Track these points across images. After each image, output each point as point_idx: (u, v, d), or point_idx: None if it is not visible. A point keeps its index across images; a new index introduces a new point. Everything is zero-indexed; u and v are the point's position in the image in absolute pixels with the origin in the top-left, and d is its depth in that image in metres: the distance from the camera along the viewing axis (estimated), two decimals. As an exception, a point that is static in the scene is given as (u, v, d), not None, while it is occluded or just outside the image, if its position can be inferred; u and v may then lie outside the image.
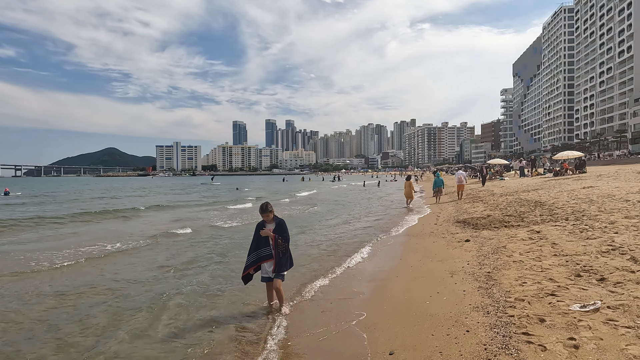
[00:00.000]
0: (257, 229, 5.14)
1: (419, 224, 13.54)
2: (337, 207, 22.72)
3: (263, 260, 5.07)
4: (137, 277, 7.24)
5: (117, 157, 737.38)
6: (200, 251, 9.65)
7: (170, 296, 5.94)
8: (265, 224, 5.10)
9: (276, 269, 5.00)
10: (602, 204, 11.00)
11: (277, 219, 5.14)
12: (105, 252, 9.79)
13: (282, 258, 5.01)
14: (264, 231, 5.02)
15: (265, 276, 5.16)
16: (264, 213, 5.02)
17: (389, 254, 8.77)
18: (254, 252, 5.11)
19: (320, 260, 8.38)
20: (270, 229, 5.05)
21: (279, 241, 4.99)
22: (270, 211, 5.03)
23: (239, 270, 6.35)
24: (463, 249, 8.01)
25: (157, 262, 8.47)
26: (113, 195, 39.42)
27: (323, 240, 10.97)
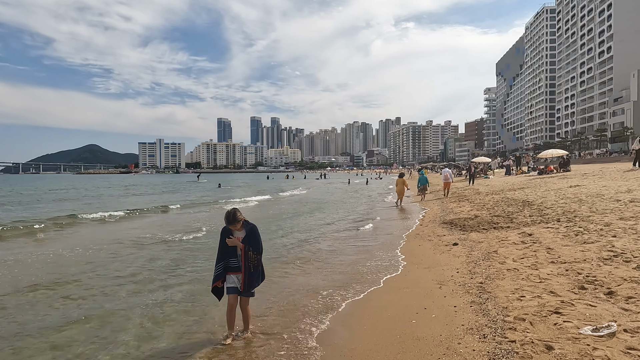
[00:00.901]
0: (222, 236, 4.18)
1: (404, 224, 12.95)
2: (323, 205, 22.03)
3: (231, 272, 4.21)
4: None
5: (98, 154, 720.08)
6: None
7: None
8: (232, 230, 4.24)
9: (245, 286, 4.14)
10: (592, 204, 10.58)
11: (248, 225, 4.21)
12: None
13: (252, 273, 4.16)
14: (231, 240, 4.10)
15: (231, 286, 4.20)
16: (232, 224, 4.09)
17: (371, 259, 8.11)
18: (221, 262, 4.20)
19: (295, 265, 7.66)
20: (239, 238, 4.14)
21: (250, 253, 4.11)
22: (239, 220, 4.09)
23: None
24: (451, 254, 7.40)
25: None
26: (78, 196, 33.40)
27: (298, 242, 10.25)
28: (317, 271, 7.18)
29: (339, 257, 8.28)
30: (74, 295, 5.89)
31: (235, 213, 4.09)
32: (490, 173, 33.37)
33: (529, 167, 32.24)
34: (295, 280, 6.57)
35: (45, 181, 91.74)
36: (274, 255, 8.44)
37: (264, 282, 4.50)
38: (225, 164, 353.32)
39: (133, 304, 5.45)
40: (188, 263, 7.89)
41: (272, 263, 7.56)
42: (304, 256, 8.44)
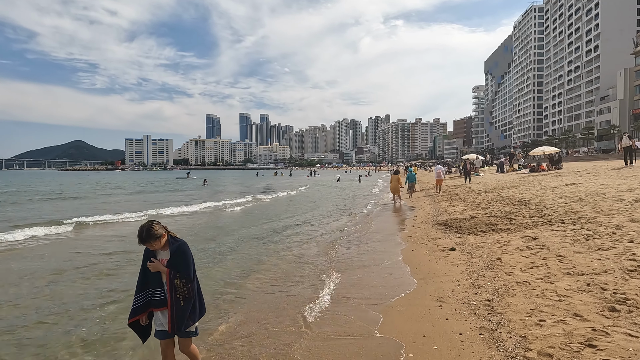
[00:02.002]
0: (144, 259, 3.07)
1: (394, 225, 12.14)
2: (312, 204, 21.16)
3: (155, 307, 3.03)
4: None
5: (84, 151, 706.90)
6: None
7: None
8: (156, 251, 3.05)
9: (174, 325, 2.98)
10: (595, 204, 9.90)
11: (175, 242, 3.04)
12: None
13: (182, 307, 2.97)
14: (153, 264, 2.99)
15: (160, 330, 3.07)
16: (148, 242, 2.91)
17: (359, 268, 7.26)
18: (142, 293, 3.05)
19: (271, 277, 6.77)
20: (162, 260, 3.01)
21: (177, 281, 2.95)
22: (158, 237, 2.92)
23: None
24: (449, 261, 6.58)
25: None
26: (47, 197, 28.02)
27: (280, 249, 9.36)
28: (289, 284, 6.30)
29: (317, 268, 7.40)
30: None
31: (151, 228, 2.90)
32: (481, 171, 32.87)
33: (519, 165, 31.80)
34: (261, 298, 5.67)
35: (31, 178, 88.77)
36: (249, 269, 7.52)
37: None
38: (214, 161, 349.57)
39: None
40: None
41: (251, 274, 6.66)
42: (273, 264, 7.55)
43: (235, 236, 10.81)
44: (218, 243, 9.85)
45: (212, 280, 6.46)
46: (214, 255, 8.36)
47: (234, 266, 7.46)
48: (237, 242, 9.99)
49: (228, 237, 10.73)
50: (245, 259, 8.07)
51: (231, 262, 7.78)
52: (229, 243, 9.81)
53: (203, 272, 6.63)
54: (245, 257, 8.29)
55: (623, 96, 74.15)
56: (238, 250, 8.94)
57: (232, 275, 6.78)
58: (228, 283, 6.35)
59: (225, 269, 7.24)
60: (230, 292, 5.88)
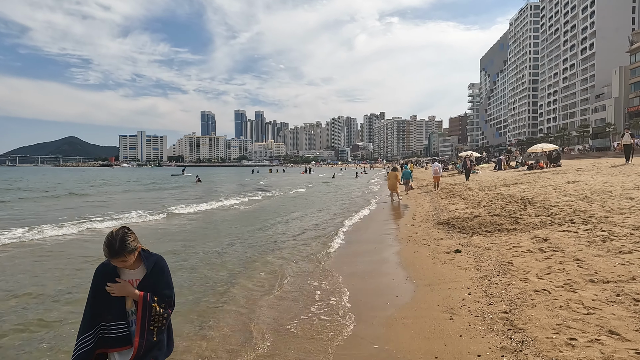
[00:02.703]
0: (96, 281, 2.22)
1: (393, 224, 11.62)
2: (302, 202, 20.62)
3: (114, 347, 2.20)
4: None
5: (78, 147, 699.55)
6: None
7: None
8: (120, 270, 2.26)
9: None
10: (603, 202, 9.43)
11: (150, 257, 2.30)
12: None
13: (154, 343, 2.24)
14: (119, 286, 2.18)
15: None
16: (119, 257, 2.12)
17: (357, 272, 6.73)
18: (92, 331, 2.17)
19: (257, 278, 6.22)
20: (133, 281, 2.24)
21: (156, 307, 2.21)
22: (132, 250, 2.16)
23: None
24: (455, 264, 6.05)
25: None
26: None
27: (273, 248, 8.81)
28: (276, 292, 5.75)
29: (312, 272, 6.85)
30: None
31: (125, 237, 2.14)
32: (477, 168, 32.49)
33: (517, 163, 31.46)
34: (257, 314, 5.12)
35: (20, 174, 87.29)
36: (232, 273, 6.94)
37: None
38: (209, 158, 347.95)
39: None
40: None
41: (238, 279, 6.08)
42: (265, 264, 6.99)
43: (224, 240, 10.24)
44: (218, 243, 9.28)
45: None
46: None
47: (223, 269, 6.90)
48: (226, 246, 9.43)
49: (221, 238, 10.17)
50: (234, 254, 7.51)
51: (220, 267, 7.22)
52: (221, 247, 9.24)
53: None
54: (236, 254, 7.73)
55: (618, 94, 74.19)
56: (229, 253, 8.38)
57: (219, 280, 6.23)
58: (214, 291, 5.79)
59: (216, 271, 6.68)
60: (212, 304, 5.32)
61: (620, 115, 72.51)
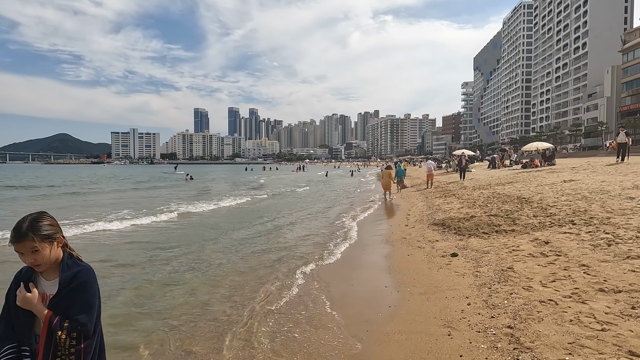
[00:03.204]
0: (12, 284, 1.77)
1: (385, 224, 11.23)
2: (295, 200, 20.17)
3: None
4: None
5: (69, 144, 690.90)
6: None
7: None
8: (35, 275, 1.77)
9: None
10: (603, 203, 9.12)
11: (74, 267, 1.76)
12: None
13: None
14: (26, 296, 1.67)
15: None
16: (24, 239, 1.63)
17: (348, 278, 6.31)
18: (6, 348, 1.66)
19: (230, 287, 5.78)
20: (46, 296, 1.73)
21: (61, 337, 1.64)
22: (46, 237, 1.67)
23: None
24: (452, 270, 5.66)
25: None
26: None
27: (260, 250, 8.36)
28: (258, 299, 5.31)
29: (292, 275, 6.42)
30: None
31: (40, 218, 1.70)
32: (471, 167, 32.26)
33: (511, 161, 31.28)
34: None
35: (8, 171, 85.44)
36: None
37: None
38: (202, 155, 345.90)
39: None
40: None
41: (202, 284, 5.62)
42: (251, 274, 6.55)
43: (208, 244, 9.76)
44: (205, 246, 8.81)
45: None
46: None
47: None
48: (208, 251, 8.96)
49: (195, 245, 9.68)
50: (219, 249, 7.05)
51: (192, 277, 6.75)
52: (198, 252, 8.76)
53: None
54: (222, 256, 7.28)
55: (610, 93, 74.59)
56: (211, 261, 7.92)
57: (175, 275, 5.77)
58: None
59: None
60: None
61: (613, 114, 72.91)
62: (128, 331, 4.16)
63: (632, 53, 66.22)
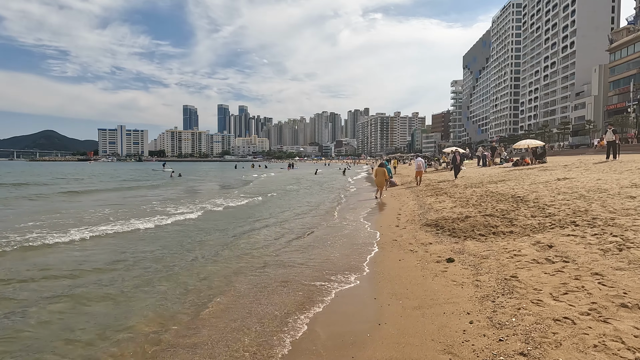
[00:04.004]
0: None
1: (375, 225, 10.64)
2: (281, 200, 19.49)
3: None
4: None
5: (55, 141, 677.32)
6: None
7: None
8: None
9: None
10: (603, 202, 8.66)
11: None
12: None
13: None
14: None
15: None
16: None
17: (333, 287, 5.69)
18: None
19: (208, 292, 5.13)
20: None
21: None
22: None
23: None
24: (449, 278, 5.08)
25: None
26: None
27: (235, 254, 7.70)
28: (231, 309, 4.67)
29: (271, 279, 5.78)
30: None
31: None
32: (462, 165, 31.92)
33: (501, 159, 31.01)
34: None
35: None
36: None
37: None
38: (191, 153, 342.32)
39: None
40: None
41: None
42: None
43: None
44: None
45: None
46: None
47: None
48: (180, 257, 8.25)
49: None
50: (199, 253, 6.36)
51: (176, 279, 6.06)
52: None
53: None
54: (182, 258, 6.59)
55: (597, 92, 75.26)
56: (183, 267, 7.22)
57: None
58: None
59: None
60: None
61: (600, 113, 73.57)
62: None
63: (619, 52, 66.79)
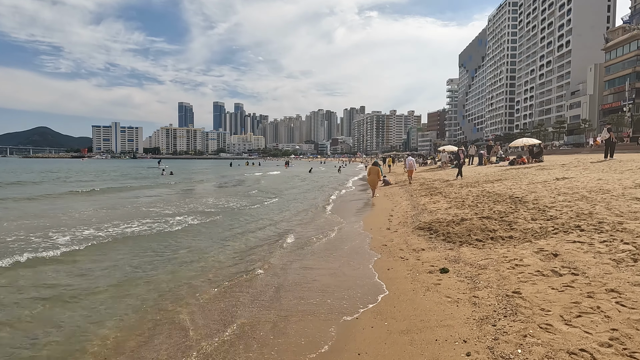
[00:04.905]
0: None
1: (365, 226, 10.01)
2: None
3: None
4: None
5: (49, 137, 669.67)
6: None
7: None
8: None
9: None
10: (607, 204, 8.08)
11: None
12: None
13: None
14: None
15: None
16: None
17: (309, 302, 5.06)
18: None
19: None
20: None
21: None
22: None
23: None
24: (442, 293, 4.46)
25: None
26: None
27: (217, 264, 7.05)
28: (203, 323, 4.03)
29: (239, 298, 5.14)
30: None
31: None
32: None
33: (497, 158, 30.52)
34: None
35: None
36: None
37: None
38: (186, 150, 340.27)
39: None
40: None
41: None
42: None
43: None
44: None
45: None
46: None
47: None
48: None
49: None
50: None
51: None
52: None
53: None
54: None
55: (593, 91, 75.14)
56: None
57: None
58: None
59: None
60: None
61: (595, 112, 73.46)
62: None
63: (615, 51, 66.60)
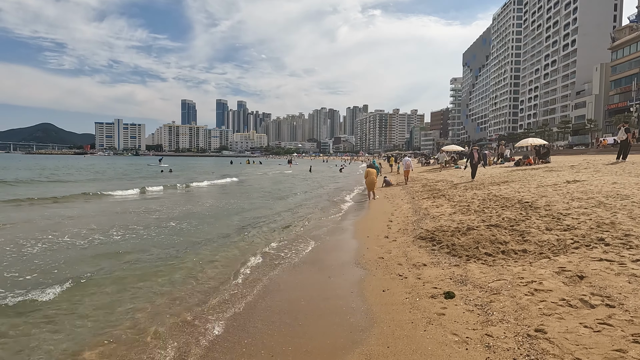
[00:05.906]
0: None
1: (361, 233, 9.21)
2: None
3: None
4: None
5: (52, 134, 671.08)
6: None
7: None
8: None
9: None
10: (630, 212, 7.23)
11: None
12: None
13: None
14: None
15: None
16: None
17: (288, 332, 4.29)
18: None
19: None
20: None
21: None
22: None
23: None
24: (447, 328, 3.66)
25: None
26: None
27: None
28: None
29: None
30: None
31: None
32: (460, 163, 30.60)
33: (501, 159, 29.65)
34: None
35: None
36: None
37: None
38: (189, 147, 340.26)
39: None
40: None
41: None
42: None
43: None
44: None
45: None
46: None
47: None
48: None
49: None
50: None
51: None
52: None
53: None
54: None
55: (598, 91, 73.95)
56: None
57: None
58: None
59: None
60: None
61: (600, 112, 72.26)
62: None
63: (621, 51, 65.41)
